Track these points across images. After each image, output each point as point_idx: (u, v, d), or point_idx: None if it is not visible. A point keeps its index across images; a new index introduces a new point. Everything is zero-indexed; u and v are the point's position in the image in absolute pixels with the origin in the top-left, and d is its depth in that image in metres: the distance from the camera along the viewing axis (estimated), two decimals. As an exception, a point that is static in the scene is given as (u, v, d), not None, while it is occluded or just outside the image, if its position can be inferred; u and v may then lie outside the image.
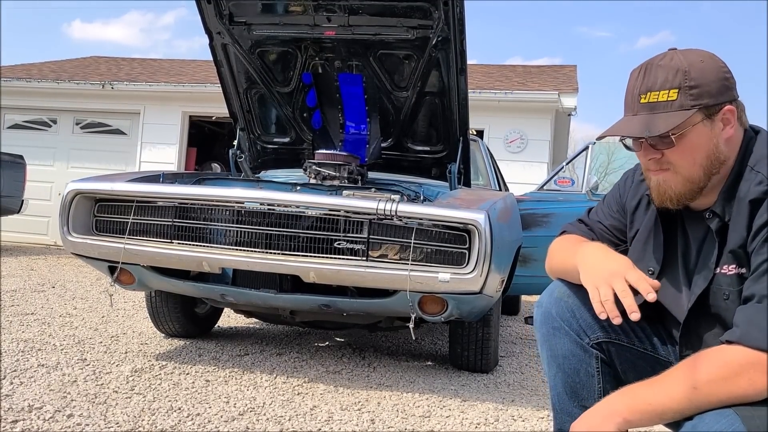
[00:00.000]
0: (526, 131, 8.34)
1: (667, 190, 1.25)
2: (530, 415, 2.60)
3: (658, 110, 1.21)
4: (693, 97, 1.20)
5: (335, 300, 2.81)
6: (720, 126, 1.22)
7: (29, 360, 2.79)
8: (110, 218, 2.89)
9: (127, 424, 2.08)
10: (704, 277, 1.23)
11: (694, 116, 1.19)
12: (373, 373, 3.11)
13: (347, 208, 2.66)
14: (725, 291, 1.20)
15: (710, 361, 1.10)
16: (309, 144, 3.82)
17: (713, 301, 1.22)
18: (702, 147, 1.22)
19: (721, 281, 1.20)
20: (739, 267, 1.18)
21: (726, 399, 1.06)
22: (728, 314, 1.18)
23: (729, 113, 1.22)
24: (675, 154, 1.22)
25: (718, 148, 1.22)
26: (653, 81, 1.22)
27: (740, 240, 1.17)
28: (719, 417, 1.05)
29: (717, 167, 1.23)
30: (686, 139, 1.21)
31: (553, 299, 1.43)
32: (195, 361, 3.07)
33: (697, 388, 1.08)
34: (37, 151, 9.65)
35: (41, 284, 5.35)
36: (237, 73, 3.59)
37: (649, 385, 1.15)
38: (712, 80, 1.21)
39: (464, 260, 2.57)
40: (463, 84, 3.26)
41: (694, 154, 1.22)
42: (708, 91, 1.20)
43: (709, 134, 1.22)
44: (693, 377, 1.09)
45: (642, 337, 1.40)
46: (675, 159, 1.23)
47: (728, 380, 1.06)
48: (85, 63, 12.01)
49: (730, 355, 1.08)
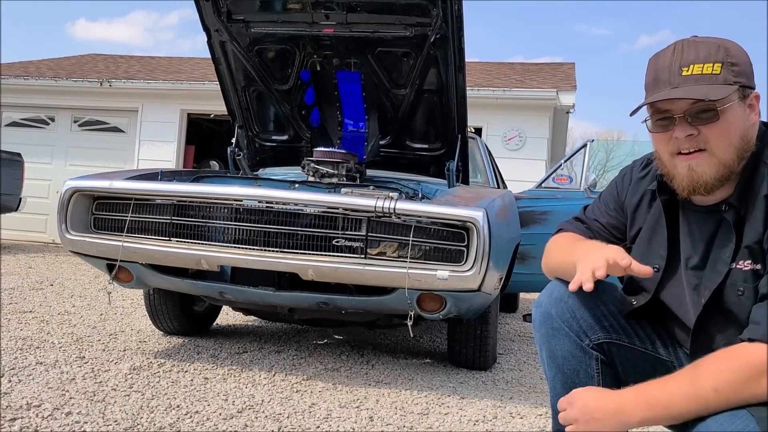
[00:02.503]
0: (524, 129, 8.34)
1: (702, 176, 1.19)
2: (528, 412, 2.60)
3: (703, 82, 1.17)
4: (735, 73, 1.17)
5: (334, 298, 2.81)
6: (748, 111, 1.20)
7: (27, 358, 2.79)
8: (108, 216, 2.88)
9: (125, 422, 2.08)
10: (719, 272, 1.20)
11: (734, 93, 1.17)
12: (371, 370, 3.11)
13: (345, 205, 2.66)
14: (740, 287, 1.17)
15: (731, 362, 1.07)
16: (307, 142, 3.82)
17: (727, 297, 1.20)
18: (738, 127, 1.19)
19: (736, 277, 1.17)
20: (754, 263, 1.16)
21: (748, 400, 1.03)
22: (742, 311, 1.16)
23: (755, 99, 1.21)
24: (714, 131, 1.18)
25: (748, 133, 1.20)
26: (695, 54, 1.19)
27: (757, 236, 1.15)
28: (733, 418, 1.03)
29: (746, 153, 1.20)
30: (727, 115, 1.17)
31: (552, 300, 1.41)
32: (193, 358, 3.07)
33: (718, 390, 1.05)
34: (35, 148, 9.64)
35: (39, 282, 5.34)
36: (235, 70, 3.59)
37: (663, 387, 1.12)
38: (746, 62, 1.20)
39: (463, 258, 2.57)
40: (462, 81, 3.26)
41: (731, 134, 1.18)
42: (745, 71, 1.19)
43: (743, 115, 1.20)
44: (713, 380, 1.06)
45: (643, 337, 1.38)
46: (713, 137, 1.18)
47: (752, 381, 1.04)
48: (83, 61, 11.99)
49: (752, 355, 1.06)
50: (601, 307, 1.38)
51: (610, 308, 1.39)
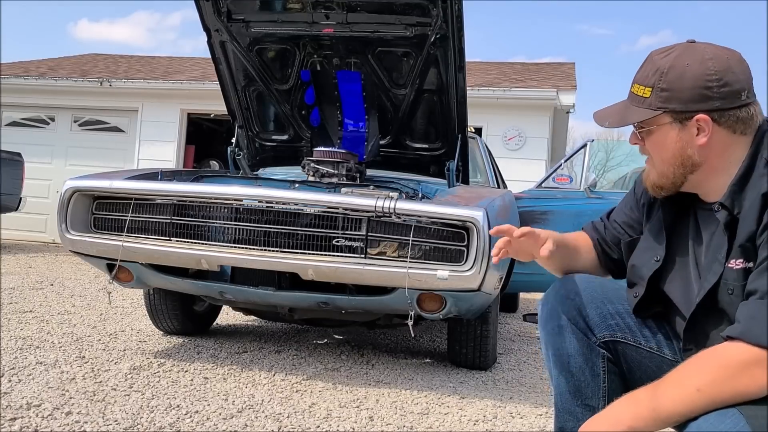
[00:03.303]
0: (524, 129, 8.34)
1: (646, 179, 1.34)
2: (528, 412, 2.60)
3: (635, 103, 1.28)
4: (662, 99, 1.24)
5: (334, 297, 2.81)
6: (694, 132, 1.23)
7: (27, 357, 2.79)
8: (108, 216, 2.88)
9: (125, 422, 2.09)
10: (714, 272, 1.22)
11: (660, 117, 1.25)
12: (371, 370, 3.11)
13: (346, 205, 2.66)
14: (731, 286, 1.18)
15: (711, 361, 1.09)
16: (307, 141, 3.82)
17: (720, 296, 1.21)
18: (668, 147, 1.26)
19: (729, 276, 1.19)
20: (746, 261, 1.16)
21: (730, 398, 1.04)
22: (732, 309, 1.17)
23: (703, 122, 1.21)
24: (649, 146, 1.30)
25: (686, 152, 1.24)
26: (641, 74, 1.28)
27: (750, 233, 1.16)
28: (723, 417, 1.03)
29: (690, 169, 1.25)
30: (653, 136, 1.28)
31: (559, 297, 1.41)
32: (193, 358, 3.07)
33: (700, 390, 1.06)
34: (35, 148, 9.64)
35: (39, 282, 5.34)
36: (235, 70, 3.59)
37: (651, 390, 1.13)
38: (687, 87, 1.21)
39: (463, 257, 2.57)
40: (462, 81, 3.26)
41: (663, 152, 1.28)
42: (678, 97, 1.22)
43: (677, 137, 1.24)
44: (696, 379, 1.08)
45: (648, 336, 1.38)
46: (651, 150, 1.31)
47: (731, 379, 1.05)
48: (83, 60, 11.99)
49: (732, 353, 1.07)
50: (608, 305, 1.39)
51: (617, 307, 1.40)
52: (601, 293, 1.39)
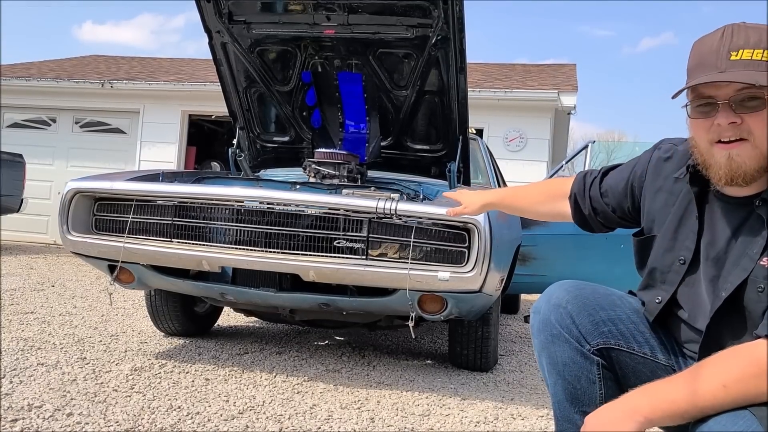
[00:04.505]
0: (525, 130, 8.34)
1: (741, 165, 1.15)
2: (529, 413, 2.60)
3: (752, 68, 1.12)
4: None
5: (335, 299, 2.81)
6: None
7: (29, 359, 2.79)
8: (110, 217, 2.89)
9: (126, 423, 2.09)
10: (744, 268, 1.17)
11: None
12: (372, 371, 3.11)
13: (347, 207, 2.66)
14: (760, 284, 1.14)
15: (741, 357, 1.06)
16: (308, 143, 3.82)
17: (747, 294, 1.17)
18: None
19: (758, 273, 1.15)
20: None
21: (755, 397, 1.02)
22: (758, 308, 1.14)
23: None
24: (758, 120, 1.13)
25: None
26: (745, 39, 1.14)
27: None
28: (736, 418, 1.02)
29: None
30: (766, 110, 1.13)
31: (551, 306, 1.39)
32: (194, 359, 3.07)
33: (727, 386, 1.04)
34: (37, 149, 9.65)
35: (41, 283, 5.35)
36: (236, 71, 3.59)
37: (672, 382, 1.10)
38: None
39: (464, 259, 2.57)
40: (463, 83, 3.26)
41: None
42: None
43: None
44: (723, 375, 1.05)
45: (641, 342, 1.36)
46: (757, 127, 1.13)
47: (759, 377, 1.02)
48: (84, 62, 12.00)
49: (762, 352, 1.05)
50: (600, 312, 1.37)
51: (609, 313, 1.37)
52: (593, 300, 1.37)
